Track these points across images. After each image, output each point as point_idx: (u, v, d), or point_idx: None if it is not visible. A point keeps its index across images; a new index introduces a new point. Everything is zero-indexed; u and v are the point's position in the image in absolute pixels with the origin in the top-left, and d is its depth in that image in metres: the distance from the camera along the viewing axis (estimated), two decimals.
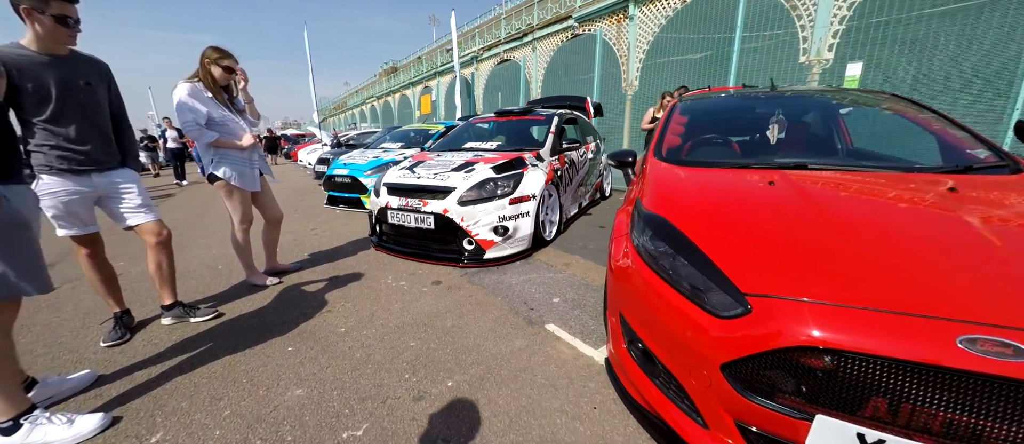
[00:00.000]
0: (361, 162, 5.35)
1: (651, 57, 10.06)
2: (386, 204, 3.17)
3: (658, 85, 9.90)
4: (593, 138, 5.25)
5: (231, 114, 2.42)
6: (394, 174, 3.38)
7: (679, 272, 1.23)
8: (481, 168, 3.16)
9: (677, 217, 1.44)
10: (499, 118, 4.58)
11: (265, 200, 2.73)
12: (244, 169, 2.48)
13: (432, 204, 2.96)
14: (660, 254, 1.34)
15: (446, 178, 3.07)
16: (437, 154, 3.81)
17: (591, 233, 3.94)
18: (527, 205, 3.09)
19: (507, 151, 3.68)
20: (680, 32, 9.44)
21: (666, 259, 1.30)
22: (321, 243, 3.80)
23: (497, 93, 15.49)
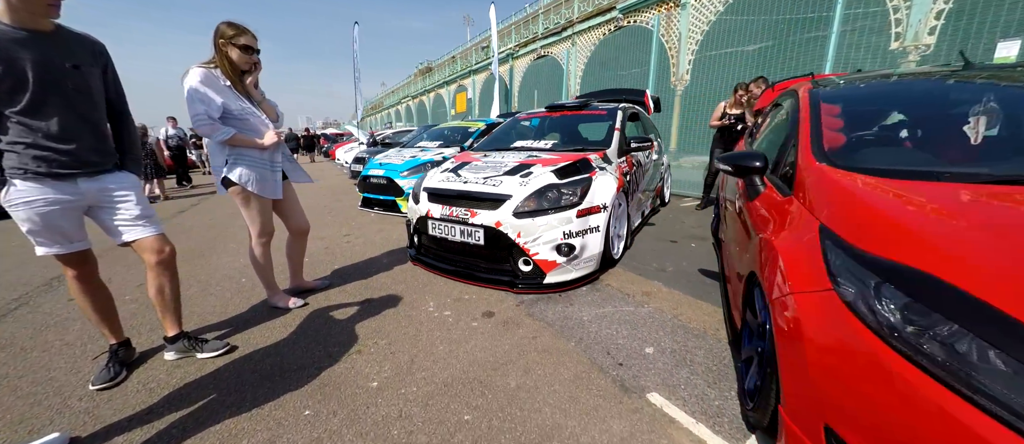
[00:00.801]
0: (397, 162, 4.97)
1: (705, 49, 9.14)
2: (427, 212, 2.69)
3: (711, 80, 8.97)
4: (655, 136, 4.56)
5: (252, 107, 2.02)
6: (436, 177, 2.90)
7: (977, 370, 0.63)
8: (540, 172, 2.60)
9: (940, 264, 0.82)
10: (551, 113, 4.01)
11: (289, 209, 2.32)
12: (264, 172, 2.07)
13: (482, 215, 2.44)
14: (930, 332, 0.73)
15: (498, 183, 2.54)
16: (484, 154, 3.30)
17: (663, 250, 3.29)
18: (597, 218, 2.51)
19: (567, 151, 3.11)
20: (744, 14, 8.46)
21: (946, 343, 0.70)
22: (353, 253, 3.40)
23: (533, 91, 14.94)
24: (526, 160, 2.88)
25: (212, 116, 1.84)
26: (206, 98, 1.83)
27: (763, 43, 8.52)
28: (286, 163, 2.24)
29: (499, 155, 3.16)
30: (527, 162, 2.82)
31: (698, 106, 9.35)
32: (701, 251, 3.28)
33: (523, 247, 2.37)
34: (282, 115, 2.21)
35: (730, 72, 8.57)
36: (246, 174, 1.99)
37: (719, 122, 4.77)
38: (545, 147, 3.31)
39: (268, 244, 2.23)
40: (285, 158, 2.24)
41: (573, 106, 3.92)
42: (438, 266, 2.76)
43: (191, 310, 2.35)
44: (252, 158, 2.01)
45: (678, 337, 1.91)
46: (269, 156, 2.10)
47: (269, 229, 2.19)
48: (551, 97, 13.04)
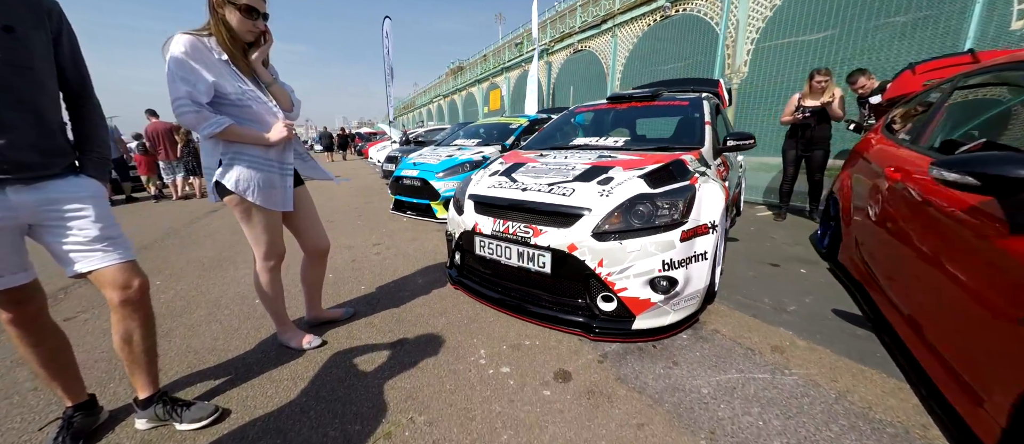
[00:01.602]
0: (433, 162, 4.48)
1: (766, 38, 8.09)
2: (474, 226, 2.13)
3: (770, 71, 7.94)
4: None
5: (257, 91, 1.52)
6: (484, 182, 2.33)
7: None
8: (625, 178, 1.97)
9: None
10: (615, 104, 3.35)
11: (303, 223, 1.82)
12: (271, 177, 1.57)
13: (549, 234, 1.84)
14: None
15: (569, 192, 1.93)
16: (540, 154, 2.70)
17: (766, 277, 2.56)
18: (705, 241, 1.85)
19: (646, 150, 2.45)
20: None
21: None
22: (383, 269, 2.91)
23: (569, 87, 14.21)
24: (599, 161, 2.25)
25: (198, 101, 1.34)
26: (191, 76, 1.34)
27: (827, 31, 7.46)
28: (298, 162, 1.74)
29: (560, 155, 2.55)
30: (602, 164, 2.20)
31: (757, 101, 8.33)
32: (819, 281, 2.53)
33: (605, 280, 1.75)
34: (298, 103, 1.71)
35: (790, 63, 7.58)
36: (246, 179, 1.49)
37: (792, 117, 3.95)
38: (616, 145, 2.67)
39: (278, 268, 1.74)
40: (297, 157, 1.74)
41: (642, 96, 3.24)
42: (486, 295, 2.19)
43: (188, 344, 1.91)
44: (255, 158, 1.51)
45: (867, 438, 1.23)
46: (278, 155, 1.59)
47: (278, 249, 1.70)
48: (589, 93, 12.27)
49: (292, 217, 1.75)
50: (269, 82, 1.57)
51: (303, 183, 1.81)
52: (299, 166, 1.75)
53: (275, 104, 1.58)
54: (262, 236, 1.61)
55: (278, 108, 1.58)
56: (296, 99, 1.70)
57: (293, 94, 1.68)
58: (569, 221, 1.83)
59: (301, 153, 1.76)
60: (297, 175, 1.75)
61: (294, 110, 1.68)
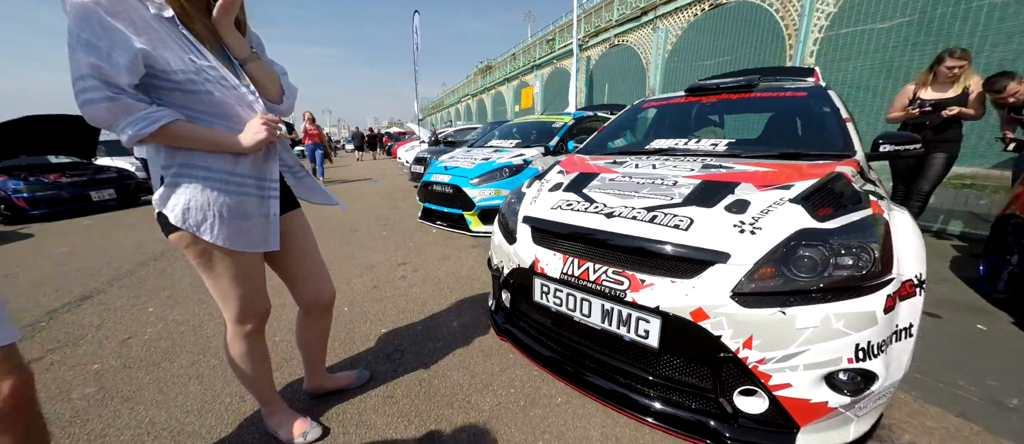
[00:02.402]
0: (466, 166, 3.92)
1: (836, 26, 7.01)
2: (533, 263, 1.52)
3: (840, 64, 6.89)
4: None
5: (225, 68, 0.97)
6: (544, 200, 1.71)
7: None
8: (767, 201, 1.30)
9: None
10: (697, 97, 2.64)
11: (298, 265, 1.26)
12: (244, 201, 1.02)
13: (658, 287, 1.20)
14: None
15: (685, 222, 1.28)
16: (611, 160, 2.06)
17: (935, 337, 1.83)
18: (912, 307, 1.16)
19: (770, 158, 1.76)
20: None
21: None
22: (409, 301, 2.36)
23: (604, 85, 13.38)
24: (711, 174, 1.58)
25: (113, 80, 0.81)
26: (103, 39, 0.79)
27: (902, 18, 6.32)
28: (290, 179, 1.20)
29: (643, 163, 1.90)
30: (717, 178, 1.53)
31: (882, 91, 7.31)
32: (1017, 344, 1.75)
33: (754, 368, 1.10)
34: (292, 90, 1.15)
35: (861, 54, 6.53)
36: (200, 206, 0.94)
37: (904, 113, 3.08)
38: (717, 149, 1.98)
39: (259, 333, 1.19)
40: (288, 170, 1.19)
41: (735, 86, 2.51)
42: (548, 359, 1.57)
43: (151, 416, 1.42)
44: (216, 173, 0.96)
45: None
46: (255, 169, 1.04)
47: (258, 307, 1.15)
48: (626, 90, 11.41)
49: (280, 257, 1.20)
50: (245, 57, 1.02)
51: (297, 206, 1.26)
52: (292, 185, 1.21)
53: (252, 90, 1.03)
54: (232, 291, 1.06)
55: (257, 97, 1.03)
56: (289, 85, 1.14)
57: (285, 77, 1.13)
58: (692, 270, 1.19)
59: (293, 166, 1.20)
60: (288, 194, 1.22)
61: (285, 100, 1.12)
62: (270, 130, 0.98)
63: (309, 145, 8.09)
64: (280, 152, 1.12)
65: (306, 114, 8.28)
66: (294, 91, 1.16)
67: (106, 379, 1.68)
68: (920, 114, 2.99)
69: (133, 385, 1.62)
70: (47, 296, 2.64)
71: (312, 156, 8.10)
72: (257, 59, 1.04)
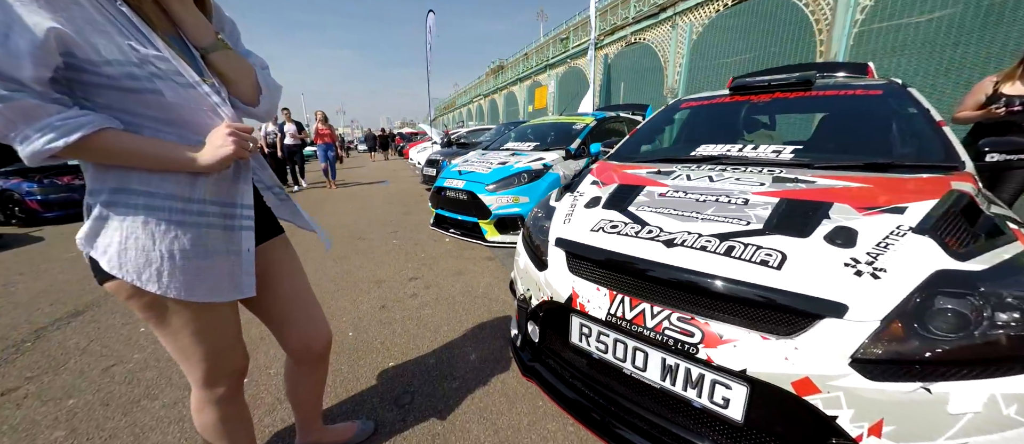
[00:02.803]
0: (482, 170, 3.67)
1: (874, 18, 6.54)
2: (571, 297, 1.25)
3: (879, 59, 6.45)
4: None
5: (179, 60, 0.72)
6: (581, 219, 1.43)
7: None
8: (882, 230, 1.01)
9: None
10: (745, 96, 2.33)
11: (283, 306, 1.01)
12: (205, 235, 0.77)
13: (742, 344, 0.92)
14: None
15: (774, 256, 0.99)
16: (655, 169, 1.77)
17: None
18: None
19: (855, 170, 1.45)
20: None
21: None
22: (421, 326, 2.12)
23: (620, 84, 13.00)
24: (789, 191, 1.29)
25: (10, 74, 0.57)
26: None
27: (944, 10, 5.82)
28: (270, 198, 0.96)
29: (696, 174, 1.61)
30: (800, 196, 1.24)
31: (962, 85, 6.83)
32: None
33: None
34: (274, 89, 0.91)
35: (898, 49, 6.06)
36: (141, 247, 0.70)
37: (985, 112, 2.57)
38: (781, 157, 1.68)
39: (236, 394, 0.95)
40: (266, 190, 0.95)
41: (787, 83, 2.19)
42: (587, 415, 1.29)
43: None
44: (163, 199, 0.72)
45: None
46: (219, 192, 0.80)
47: (231, 365, 0.91)
48: (643, 90, 11.03)
49: (260, 299, 0.95)
50: (208, 45, 0.78)
51: (279, 231, 1.02)
52: (272, 206, 0.97)
53: (219, 89, 0.79)
54: (194, 350, 0.82)
55: (225, 98, 0.79)
56: (269, 82, 0.89)
57: (265, 73, 0.89)
58: (792, 324, 0.91)
59: (271, 185, 0.95)
60: (267, 217, 0.97)
61: (263, 101, 0.88)
62: (239, 142, 0.74)
63: (321, 146, 7.90)
64: (254, 169, 0.88)
65: (318, 113, 8.09)
66: (276, 90, 0.91)
67: (79, 420, 1.48)
68: (1007, 113, 2.48)
69: (107, 430, 1.41)
70: (40, 311, 2.48)
71: (324, 157, 7.94)
72: (225, 48, 0.79)
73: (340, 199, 6.61)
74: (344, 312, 2.29)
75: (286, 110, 8.00)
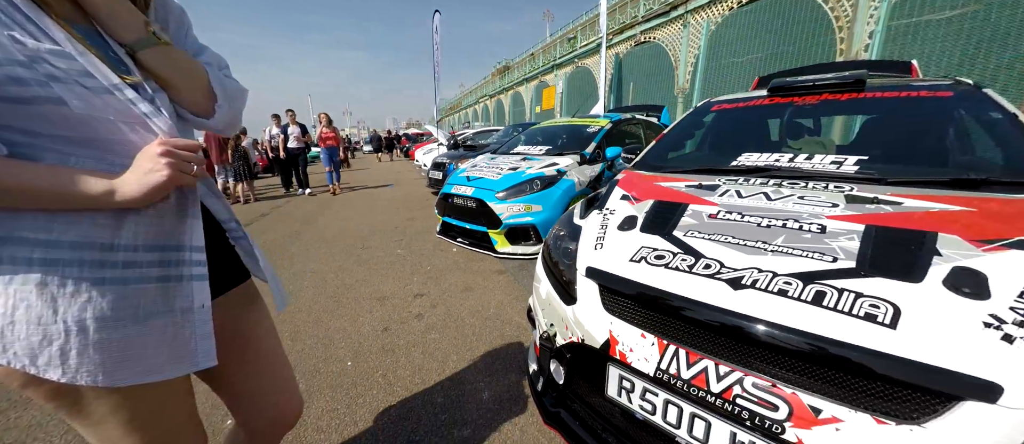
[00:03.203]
0: (491, 177, 3.46)
1: (899, 14, 6.23)
2: (607, 342, 1.04)
3: (906, 55, 6.14)
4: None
5: (98, 60, 0.52)
6: (619, 246, 1.21)
7: None
8: (1004, 272, 0.78)
9: None
10: (783, 97, 2.09)
11: (248, 375, 0.79)
12: (127, 295, 0.55)
13: (847, 428, 0.70)
14: None
15: (882, 309, 0.76)
16: (696, 183, 1.54)
17: None
18: None
19: (936, 187, 1.22)
20: None
21: None
22: (426, 353, 1.91)
23: (629, 84, 12.74)
24: (873, 215, 1.07)
25: None
26: None
27: (965, 7, 5.51)
28: (230, 226, 0.74)
29: (748, 190, 1.38)
30: (887, 222, 1.02)
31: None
32: None
33: None
34: (238, 93, 0.71)
35: (923, 47, 5.76)
36: (33, 319, 0.49)
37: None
38: (847, 171, 1.44)
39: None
40: (218, 221, 0.73)
41: (836, 84, 1.95)
42: None
43: None
44: (65, 251, 0.51)
45: None
46: (154, 234, 0.58)
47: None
48: (653, 90, 10.77)
49: (222, 366, 0.72)
50: (133, 40, 0.58)
51: (245, 277, 0.81)
52: (244, 254, 0.77)
53: (149, 94, 0.58)
54: (127, 437, 0.61)
55: (160, 106, 0.59)
56: (228, 86, 0.69)
57: (222, 74, 0.69)
58: (920, 405, 0.68)
59: (225, 218, 0.73)
60: (229, 260, 0.77)
61: (219, 110, 0.68)
62: (177, 165, 0.55)
63: (325, 150, 7.52)
64: (204, 198, 0.68)
65: (322, 115, 7.64)
66: (239, 95, 0.72)
67: None
68: None
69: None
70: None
71: (328, 161, 7.56)
72: (158, 43, 0.59)
73: (343, 204, 6.45)
74: (343, 335, 2.09)
75: (291, 111, 7.62)
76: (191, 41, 0.69)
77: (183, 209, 0.62)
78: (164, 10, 0.66)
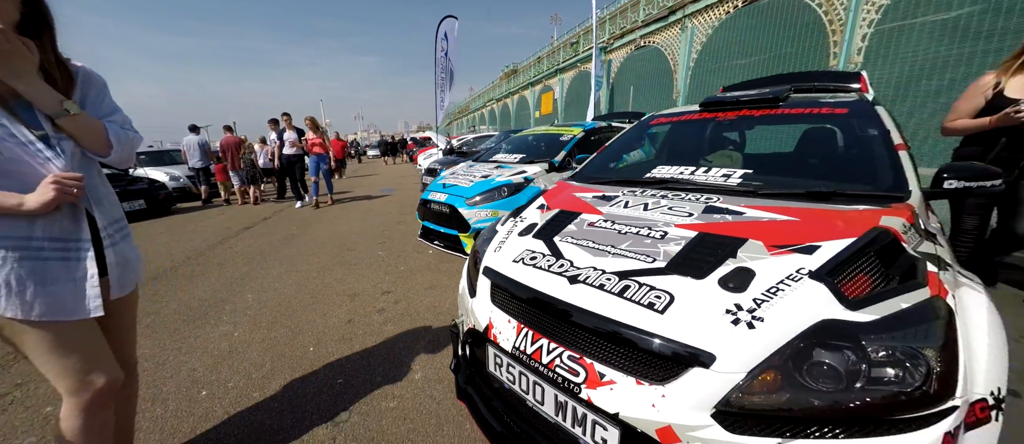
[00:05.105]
0: (465, 184, 3.72)
1: (891, 17, 6.21)
2: (487, 326, 1.26)
3: (893, 60, 6.11)
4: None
5: (16, 123, 0.89)
6: (511, 246, 1.44)
7: None
8: (778, 273, 0.98)
9: None
10: (713, 113, 2.27)
11: (110, 327, 1.11)
12: (38, 267, 0.92)
13: (620, 388, 0.92)
14: None
15: (663, 300, 0.97)
16: (602, 194, 1.75)
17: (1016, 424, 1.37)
18: (982, 439, 0.81)
19: (795, 199, 1.41)
20: None
21: None
22: (378, 342, 2.17)
23: (629, 87, 12.83)
24: (710, 224, 1.27)
25: None
26: None
27: (963, 9, 5.44)
28: (110, 242, 1.05)
29: (636, 201, 1.60)
30: (717, 229, 1.22)
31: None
32: None
33: None
34: (131, 140, 1.06)
35: (917, 50, 5.71)
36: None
37: (991, 119, 2.10)
38: (730, 183, 1.64)
39: (101, 409, 1.05)
40: (111, 225, 1.06)
41: (758, 99, 2.13)
42: (500, 439, 1.31)
43: None
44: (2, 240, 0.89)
45: None
46: (52, 230, 0.94)
47: (96, 378, 1.02)
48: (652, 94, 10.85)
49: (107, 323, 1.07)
50: (53, 114, 0.92)
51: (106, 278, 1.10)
52: (111, 253, 1.05)
53: (53, 144, 0.93)
54: (54, 364, 0.97)
55: (59, 152, 0.94)
56: (122, 137, 1.04)
57: (120, 129, 1.04)
58: (665, 370, 0.90)
59: (106, 224, 1.05)
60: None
61: (114, 153, 1.03)
62: (60, 191, 0.90)
63: (312, 158, 6.62)
64: (90, 208, 1.01)
65: (307, 120, 6.68)
66: (130, 143, 1.06)
67: (50, 426, 1.60)
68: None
69: None
70: None
71: (315, 170, 6.66)
72: (69, 115, 0.93)
73: (341, 208, 6.79)
74: (312, 326, 2.37)
75: (286, 115, 6.83)
76: (107, 103, 1.04)
77: (75, 215, 0.98)
78: (88, 83, 1.00)
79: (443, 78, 9.85)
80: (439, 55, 9.78)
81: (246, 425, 1.56)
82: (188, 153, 7.85)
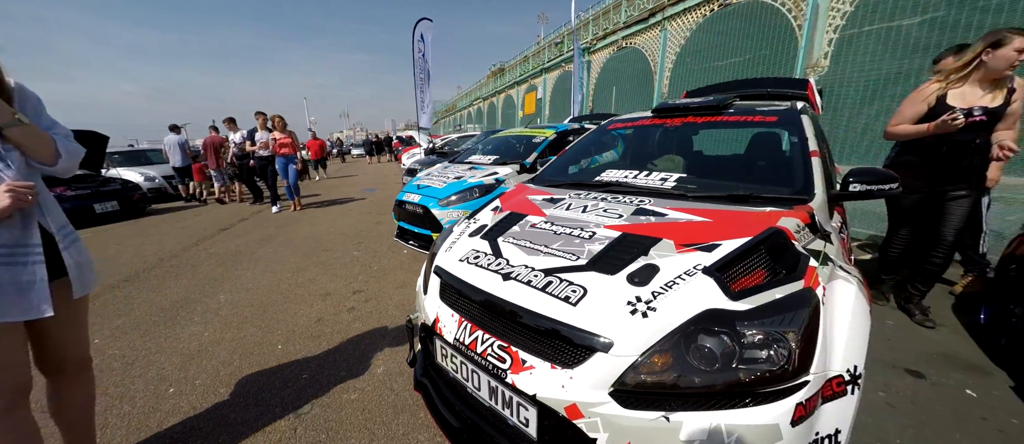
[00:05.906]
0: (438, 185, 3.82)
1: (856, 23, 6.51)
2: (434, 320, 1.38)
3: (860, 65, 6.43)
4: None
5: None
6: (460, 249, 1.55)
7: None
8: (677, 269, 1.12)
9: None
10: (663, 119, 2.41)
11: (52, 327, 1.15)
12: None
13: (537, 372, 1.04)
14: None
15: (577, 293, 1.10)
16: (551, 197, 1.88)
17: (914, 405, 1.56)
18: (838, 411, 0.97)
19: (713, 201, 1.56)
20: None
21: None
22: (346, 340, 2.26)
23: (612, 88, 13.05)
24: (635, 225, 1.41)
25: None
26: None
27: (931, 13, 5.77)
28: (61, 235, 1.12)
29: (577, 203, 1.73)
30: (638, 230, 1.36)
31: (843, 104, 6.77)
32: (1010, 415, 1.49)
33: None
34: (75, 152, 1.15)
35: (883, 54, 6.01)
36: None
37: (931, 125, 2.09)
38: (664, 187, 1.79)
39: (18, 409, 1.08)
40: (59, 231, 1.13)
41: (704, 106, 2.29)
42: (447, 426, 1.41)
43: None
44: None
45: None
46: (6, 236, 1.00)
47: (11, 380, 1.05)
48: (634, 94, 11.07)
49: (46, 326, 1.13)
50: (3, 123, 0.98)
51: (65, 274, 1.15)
52: (70, 257, 1.14)
53: (4, 154, 1.00)
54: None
55: (10, 162, 1.01)
56: (69, 148, 1.13)
57: (64, 140, 1.12)
58: (573, 356, 1.03)
59: (54, 230, 1.11)
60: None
61: (61, 163, 1.11)
62: (16, 198, 0.97)
63: (280, 159, 6.18)
64: (39, 216, 1.08)
65: (276, 119, 6.24)
66: (76, 153, 1.15)
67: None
68: (966, 123, 1.97)
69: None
70: None
71: (284, 173, 6.22)
72: (20, 124, 1.00)
73: (320, 209, 6.79)
74: (282, 325, 2.45)
75: (261, 115, 6.31)
76: (45, 118, 1.11)
77: (27, 222, 1.04)
78: (23, 99, 1.07)
79: (422, 79, 9.89)
80: (417, 57, 9.82)
81: (211, 418, 1.64)
82: (169, 153, 7.75)
